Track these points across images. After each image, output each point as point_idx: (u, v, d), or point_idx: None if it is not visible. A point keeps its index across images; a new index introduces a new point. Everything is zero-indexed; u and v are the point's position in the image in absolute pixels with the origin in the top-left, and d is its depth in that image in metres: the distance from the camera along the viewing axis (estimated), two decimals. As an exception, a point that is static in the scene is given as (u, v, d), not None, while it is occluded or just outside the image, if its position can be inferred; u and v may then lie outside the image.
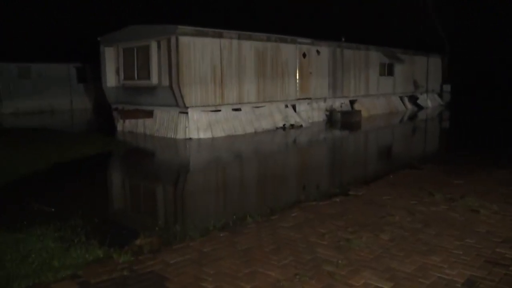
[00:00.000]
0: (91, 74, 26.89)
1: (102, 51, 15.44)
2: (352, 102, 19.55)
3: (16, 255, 4.29)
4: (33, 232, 5.04)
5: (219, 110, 13.86)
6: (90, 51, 22.42)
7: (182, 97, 12.91)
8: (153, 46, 13.54)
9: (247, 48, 14.53)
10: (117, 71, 15.27)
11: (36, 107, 24.95)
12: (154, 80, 13.75)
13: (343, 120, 17.53)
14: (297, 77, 16.47)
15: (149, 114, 14.25)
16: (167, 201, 7.38)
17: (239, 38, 14.30)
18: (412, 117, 21.18)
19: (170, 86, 13.11)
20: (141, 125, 14.61)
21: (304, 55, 16.70)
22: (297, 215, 5.49)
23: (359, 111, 18.52)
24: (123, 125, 15.17)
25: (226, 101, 14.10)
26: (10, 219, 5.78)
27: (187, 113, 13.14)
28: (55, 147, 11.49)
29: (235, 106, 14.33)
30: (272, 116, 15.36)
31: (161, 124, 13.92)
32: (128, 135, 14.71)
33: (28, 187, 7.89)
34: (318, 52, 17.37)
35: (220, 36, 13.76)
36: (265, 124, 15.01)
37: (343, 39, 19.45)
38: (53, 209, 6.10)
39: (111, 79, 15.50)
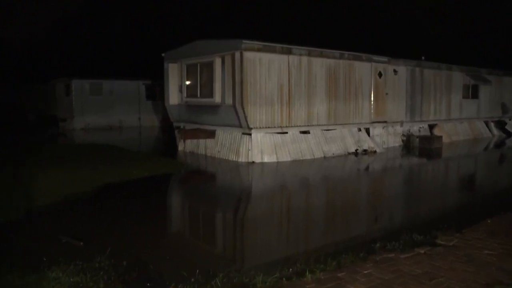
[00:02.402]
0: (159, 91, 26.87)
1: (166, 67, 14.92)
2: (431, 127, 17.82)
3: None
4: (47, 275, 4.19)
5: (286, 132, 12.80)
6: (159, 68, 22.33)
7: (245, 117, 11.99)
8: (217, 62, 12.77)
9: (317, 66, 13.43)
10: (180, 89, 14.66)
11: (105, 123, 25.12)
12: (217, 98, 12.95)
13: (422, 146, 15.91)
14: (372, 98, 15.12)
15: (211, 134, 13.45)
16: (217, 238, 6.32)
17: (309, 54, 13.23)
18: (499, 144, 19.03)
19: (233, 105, 12.25)
20: (202, 146, 13.84)
21: (379, 75, 15.35)
22: (370, 272, 4.29)
23: (440, 137, 16.77)
24: (184, 145, 14.49)
25: (294, 123, 13.02)
26: (31, 254, 5.01)
27: (250, 134, 12.19)
28: (110, 166, 10.93)
29: (303, 129, 13.22)
30: (343, 140, 14.09)
31: (223, 145, 13.06)
32: (189, 156, 13.99)
33: (66, 212, 7.18)
34: (395, 71, 15.94)
35: (289, 52, 12.76)
36: (336, 148, 13.77)
37: (422, 58, 17.88)
38: (81, 243, 5.26)
39: (174, 96, 14.92)
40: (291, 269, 4.36)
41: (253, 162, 12.04)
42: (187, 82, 14.38)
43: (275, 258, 5.20)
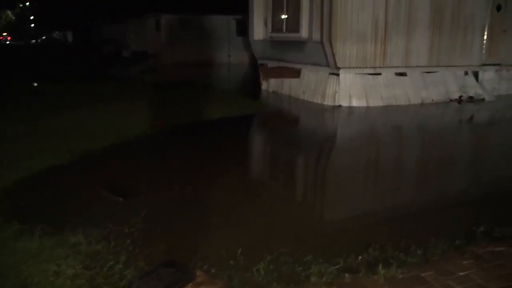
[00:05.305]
0: (250, 27, 25.76)
1: (251, -1, 13.75)
2: (556, 72, 15.22)
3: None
4: (67, 239, 3.51)
5: (379, 74, 11.30)
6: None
7: (333, 55, 10.65)
8: (305, -8, 11.40)
9: (421, -4, 11.54)
10: (265, 22, 13.49)
11: (194, 59, 24.64)
12: (304, 33, 11.66)
13: (542, 95, 13.58)
14: (485, 36, 12.95)
15: (296, 73, 12.28)
16: (285, 198, 5.30)
17: (412, -18, 11.38)
18: None
19: (321, 41, 10.92)
20: (286, 86, 12.74)
21: (498, 8, 13.02)
22: (468, 275, 3.11)
23: None
24: (268, 84, 13.48)
25: (389, 63, 11.43)
26: (64, 209, 4.38)
27: (338, 75, 10.88)
28: (188, 106, 10.33)
29: (400, 70, 11.59)
30: (445, 85, 12.26)
31: (308, 86, 11.87)
32: (272, 96, 13.00)
33: (126, 156, 6.55)
34: (518, 4, 13.48)
35: (389, -21, 11.02)
36: (436, 94, 12.02)
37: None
38: (121, 199, 4.54)
39: (258, 31, 13.82)
40: (360, 257, 3.30)
41: (340, 105, 10.80)
42: (273, 15, 13.16)
43: (346, 229, 4.13)
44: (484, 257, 3.33)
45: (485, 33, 12.88)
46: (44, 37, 78.33)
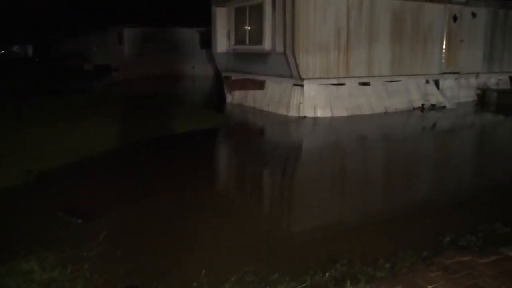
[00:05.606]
0: (213, 39, 25.71)
1: (213, 11, 13.68)
2: (512, 79, 15.71)
3: None
4: (20, 266, 3.31)
5: (343, 84, 11.39)
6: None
7: (297, 66, 10.67)
8: (267, 4, 11.40)
9: (381, 8, 11.71)
10: (228, 35, 13.45)
11: (158, 72, 24.34)
12: (267, 45, 11.67)
13: (500, 102, 13.92)
14: (444, 46, 13.25)
15: (260, 85, 12.25)
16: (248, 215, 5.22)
17: (372, -5, 11.56)
18: None
19: (284, 53, 10.93)
20: (251, 98, 12.69)
21: (454, 19, 13.38)
22: (436, 276, 3.10)
23: (522, 91, 14.70)
24: (232, 97, 13.41)
25: (352, 73, 11.55)
26: (17, 233, 4.16)
27: (302, 86, 10.90)
28: (151, 120, 10.14)
29: (363, 80, 11.72)
30: (408, 94, 12.47)
31: (272, 98, 11.85)
32: (236, 108, 12.92)
33: (86, 174, 6.32)
34: (473, 14, 13.86)
35: (349, -8, 11.16)
36: (399, 103, 12.19)
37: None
38: (79, 220, 4.35)
39: (221, 43, 13.76)
40: (327, 274, 3.23)
41: (304, 117, 10.80)
42: (235, 28, 13.14)
43: (313, 243, 4.04)
44: (452, 267, 3.30)
45: (444, 42, 13.20)
46: (2, 51, 76.22)
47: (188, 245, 3.93)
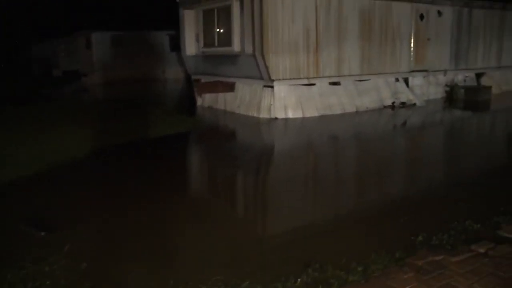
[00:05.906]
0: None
1: (182, 14, 13.50)
2: (478, 76, 15.96)
3: None
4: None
5: (313, 84, 11.37)
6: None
7: (266, 67, 10.61)
8: (235, 5, 11.30)
9: (349, 8, 11.75)
10: (197, 38, 13.30)
11: (127, 76, 24.02)
12: (236, 47, 11.56)
13: (468, 98, 14.15)
14: (412, 44, 13.39)
15: (230, 87, 12.14)
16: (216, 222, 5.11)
17: (340, -5, 11.58)
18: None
19: (253, 54, 10.85)
20: (221, 100, 12.57)
21: (421, 17, 13.52)
22: (409, 278, 3.06)
23: (489, 87, 14.95)
24: (203, 99, 13.26)
25: (322, 73, 11.54)
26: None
27: (272, 87, 10.83)
28: (121, 124, 9.92)
29: (333, 79, 11.73)
30: (378, 92, 12.54)
31: (243, 99, 11.75)
32: (207, 111, 12.78)
33: (49, 183, 6.10)
34: (439, 13, 14.05)
35: (317, -8, 11.15)
36: (370, 101, 12.25)
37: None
38: (42, 233, 4.17)
39: (190, 46, 13.59)
40: (299, 280, 3.14)
41: (275, 118, 10.74)
42: (204, 30, 13.00)
43: (285, 247, 3.94)
44: (424, 268, 3.26)
45: (412, 41, 13.34)
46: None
47: (157, 255, 3.79)
